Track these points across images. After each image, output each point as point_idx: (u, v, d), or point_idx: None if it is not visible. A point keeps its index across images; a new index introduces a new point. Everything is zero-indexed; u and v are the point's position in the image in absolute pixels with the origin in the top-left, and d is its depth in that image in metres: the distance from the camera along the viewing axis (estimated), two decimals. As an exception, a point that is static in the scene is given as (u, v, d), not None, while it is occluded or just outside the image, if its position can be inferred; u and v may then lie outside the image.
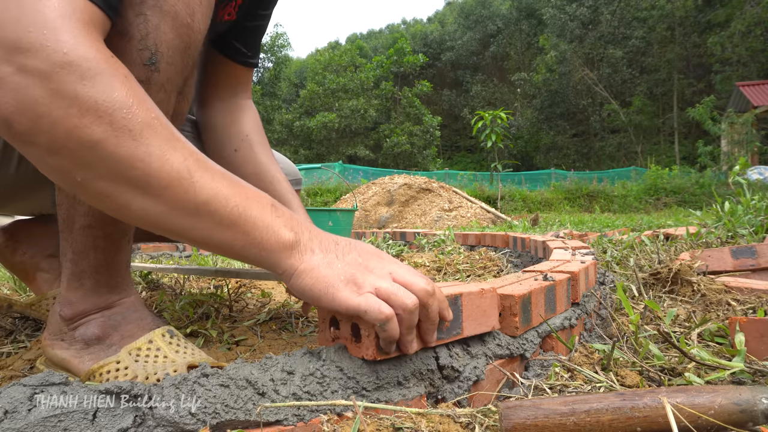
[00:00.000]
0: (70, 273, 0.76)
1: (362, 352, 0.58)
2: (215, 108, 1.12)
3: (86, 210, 0.72)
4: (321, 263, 0.59)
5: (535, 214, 6.52)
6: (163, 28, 0.64)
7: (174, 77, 0.69)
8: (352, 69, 30.14)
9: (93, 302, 0.77)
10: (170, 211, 0.55)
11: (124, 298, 0.80)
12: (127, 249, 0.79)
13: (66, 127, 0.49)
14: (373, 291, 0.57)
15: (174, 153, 0.54)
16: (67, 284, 0.77)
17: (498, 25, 38.82)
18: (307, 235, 0.62)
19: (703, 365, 0.76)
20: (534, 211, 10.12)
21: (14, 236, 1.16)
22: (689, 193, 12.88)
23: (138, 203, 0.54)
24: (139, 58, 0.63)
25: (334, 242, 0.63)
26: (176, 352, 0.75)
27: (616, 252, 2.03)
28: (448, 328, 0.66)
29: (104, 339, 0.76)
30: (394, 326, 0.55)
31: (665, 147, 30.68)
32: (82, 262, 0.75)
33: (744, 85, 18.27)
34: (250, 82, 1.18)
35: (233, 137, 1.10)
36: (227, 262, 2.75)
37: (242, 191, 0.59)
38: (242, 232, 0.58)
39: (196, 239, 0.58)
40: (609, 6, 31.12)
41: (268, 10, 1.12)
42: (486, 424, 0.58)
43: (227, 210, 0.57)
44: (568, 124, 33.72)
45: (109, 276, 0.77)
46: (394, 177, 8.48)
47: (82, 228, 0.73)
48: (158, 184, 0.53)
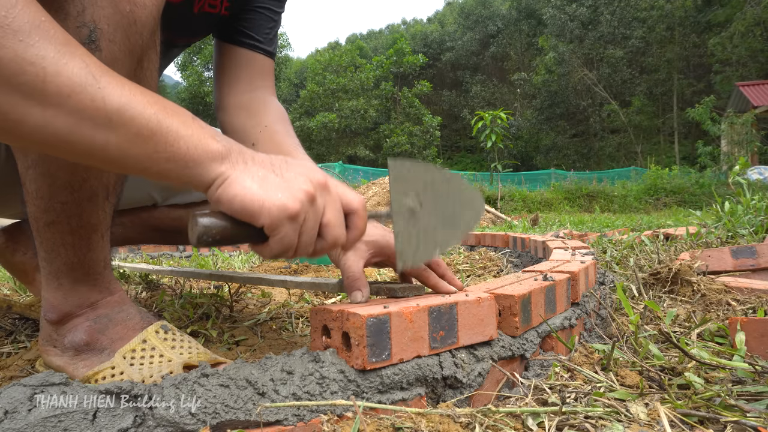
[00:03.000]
0: (47, 273, 0.75)
1: (352, 361, 0.58)
2: (233, 106, 1.06)
3: (47, 205, 0.70)
4: (255, 174, 0.56)
5: (534, 214, 6.52)
6: (101, 3, 0.60)
7: (121, 57, 0.64)
8: (352, 69, 30.12)
9: (75, 302, 0.75)
10: (76, 123, 0.48)
11: (107, 296, 0.78)
12: (100, 246, 0.77)
13: None
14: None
15: (73, 58, 0.48)
16: (46, 286, 0.75)
17: (498, 25, 38.83)
18: (237, 148, 0.58)
19: (704, 365, 0.76)
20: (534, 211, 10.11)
21: (14, 237, 1.16)
22: (689, 193, 12.89)
23: (35, 117, 0.47)
24: (78, 36, 0.59)
25: (269, 159, 0.60)
26: (172, 348, 0.74)
27: (616, 252, 2.02)
28: (443, 337, 0.65)
29: (93, 344, 0.74)
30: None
31: (665, 147, 30.68)
32: (55, 261, 0.74)
33: (744, 85, 18.26)
34: (270, 76, 1.11)
35: (250, 131, 1.02)
36: (227, 263, 2.75)
37: (158, 100, 0.53)
38: (164, 143, 0.52)
39: (111, 159, 0.51)
40: (609, 6, 31.12)
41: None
42: (486, 424, 0.58)
43: (144, 118, 0.50)
44: (568, 125, 33.72)
45: (86, 275, 0.75)
46: (394, 177, 8.43)
47: (47, 225, 0.71)
48: (57, 91, 0.47)
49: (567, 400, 0.66)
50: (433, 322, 0.65)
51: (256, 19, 1.07)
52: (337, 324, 0.60)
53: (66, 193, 0.70)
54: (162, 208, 1.19)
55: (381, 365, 0.58)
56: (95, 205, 0.74)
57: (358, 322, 0.57)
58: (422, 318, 0.63)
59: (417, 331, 0.63)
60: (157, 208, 1.18)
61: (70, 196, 0.70)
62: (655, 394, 0.68)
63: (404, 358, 0.61)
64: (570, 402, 0.66)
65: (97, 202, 0.74)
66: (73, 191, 0.71)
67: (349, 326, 0.58)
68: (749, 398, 0.66)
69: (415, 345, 0.62)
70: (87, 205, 0.72)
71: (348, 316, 0.59)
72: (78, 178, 0.70)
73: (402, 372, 0.61)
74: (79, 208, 0.72)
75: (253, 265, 2.63)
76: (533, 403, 0.66)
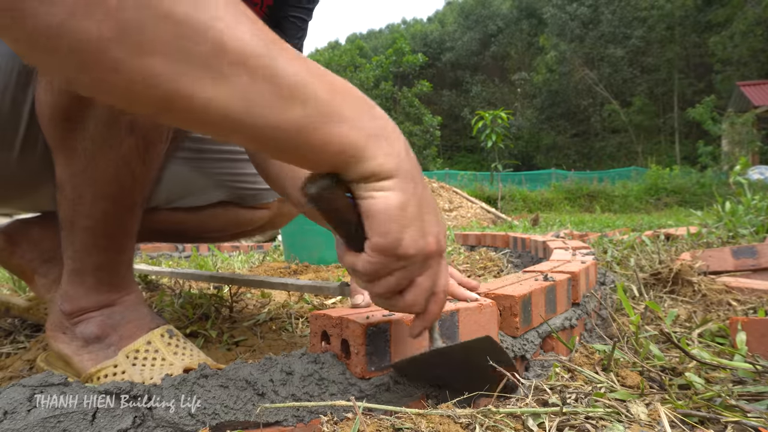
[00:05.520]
0: (71, 270, 0.76)
1: (351, 369, 0.57)
2: None
3: (88, 211, 0.72)
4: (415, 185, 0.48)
5: (535, 214, 6.52)
6: None
7: None
8: (352, 69, 30.13)
9: (94, 300, 0.77)
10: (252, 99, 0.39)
11: (125, 296, 0.80)
12: (130, 247, 0.79)
13: None
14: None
15: (242, 20, 0.39)
16: (68, 279, 0.77)
17: (498, 24, 38.83)
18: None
19: (704, 365, 0.76)
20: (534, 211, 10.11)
21: (12, 239, 1.13)
22: (690, 193, 12.89)
23: (206, 92, 0.37)
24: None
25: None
26: (174, 353, 0.75)
27: (617, 252, 2.02)
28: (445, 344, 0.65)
29: (103, 338, 0.76)
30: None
31: (666, 147, 30.66)
32: (84, 261, 0.75)
33: (745, 85, 18.26)
34: None
35: None
36: (226, 264, 2.75)
37: (322, 72, 0.45)
38: (338, 119, 0.43)
39: (283, 145, 0.42)
40: (609, 5, 31.12)
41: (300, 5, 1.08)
42: (486, 424, 0.58)
43: (319, 92, 0.42)
44: (569, 124, 33.72)
45: (111, 275, 0.78)
46: (394, 177, 8.44)
47: (84, 229, 0.73)
48: (233, 60, 0.38)
49: (567, 400, 0.66)
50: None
51: (286, 28, 1.09)
52: (336, 331, 0.60)
53: (108, 203, 0.72)
54: (163, 211, 1.18)
55: (380, 374, 0.58)
56: (133, 215, 0.77)
57: (357, 330, 0.57)
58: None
59: (417, 339, 0.62)
60: (160, 211, 1.18)
61: (112, 206, 0.73)
62: (655, 394, 0.68)
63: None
64: (570, 402, 0.66)
65: (135, 211, 0.77)
66: (116, 201, 0.73)
67: (349, 334, 0.58)
68: (750, 398, 0.66)
69: (415, 353, 0.62)
70: (126, 214, 0.75)
71: (348, 323, 0.58)
72: (124, 190, 0.73)
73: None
74: (118, 217, 0.75)
75: (252, 266, 2.63)
76: (534, 403, 0.66)
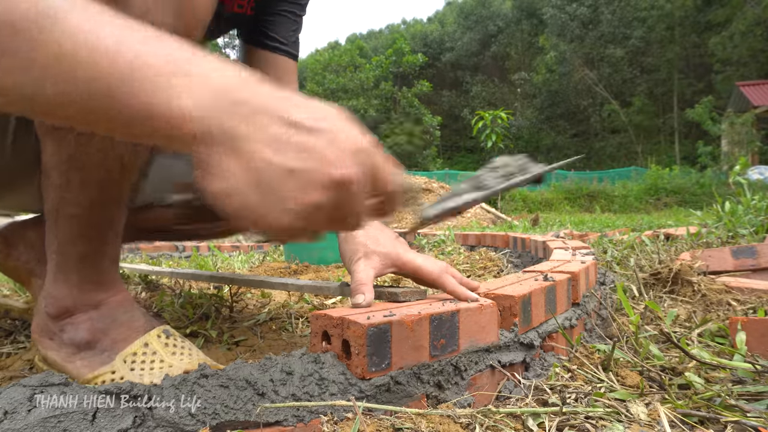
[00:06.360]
0: (56, 265, 0.75)
1: (352, 369, 0.57)
2: None
3: (75, 199, 0.70)
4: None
5: (535, 214, 6.52)
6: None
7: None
8: (352, 69, 30.14)
9: (79, 299, 0.75)
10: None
11: (112, 296, 0.78)
12: (113, 242, 0.77)
13: None
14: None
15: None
16: (53, 278, 0.75)
17: (498, 24, 38.82)
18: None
19: (704, 365, 0.76)
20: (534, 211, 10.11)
21: (8, 240, 1.13)
22: (690, 193, 12.89)
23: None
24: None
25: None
26: (173, 354, 0.74)
27: (617, 252, 2.02)
28: (444, 345, 0.65)
29: (94, 344, 0.74)
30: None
31: (665, 147, 30.66)
32: (68, 253, 0.74)
33: (744, 85, 18.27)
34: (294, 77, 1.12)
35: None
36: (226, 264, 2.75)
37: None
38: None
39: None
40: (609, 6, 31.13)
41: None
42: (486, 424, 0.58)
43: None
44: (569, 124, 33.73)
45: (95, 271, 0.75)
46: (394, 177, 8.44)
47: (69, 217, 0.72)
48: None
49: (567, 400, 0.66)
50: (434, 331, 0.64)
51: (280, 22, 1.09)
52: (337, 331, 0.60)
53: (96, 191, 0.71)
54: (158, 209, 1.18)
55: (381, 374, 0.58)
56: (119, 208, 0.75)
57: (358, 331, 0.57)
58: (423, 326, 0.62)
59: (418, 340, 0.62)
60: (154, 209, 1.17)
61: (99, 194, 0.72)
62: (655, 394, 0.68)
63: (404, 366, 0.60)
64: (570, 402, 0.66)
65: (122, 204, 0.76)
66: (103, 189, 0.72)
67: (350, 334, 0.58)
68: (750, 398, 0.66)
69: (415, 354, 0.62)
70: (112, 205, 0.74)
71: (348, 324, 0.58)
72: (112, 177, 0.71)
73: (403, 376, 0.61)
74: (105, 207, 0.73)
75: (252, 266, 2.63)
76: (533, 403, 0.66)
